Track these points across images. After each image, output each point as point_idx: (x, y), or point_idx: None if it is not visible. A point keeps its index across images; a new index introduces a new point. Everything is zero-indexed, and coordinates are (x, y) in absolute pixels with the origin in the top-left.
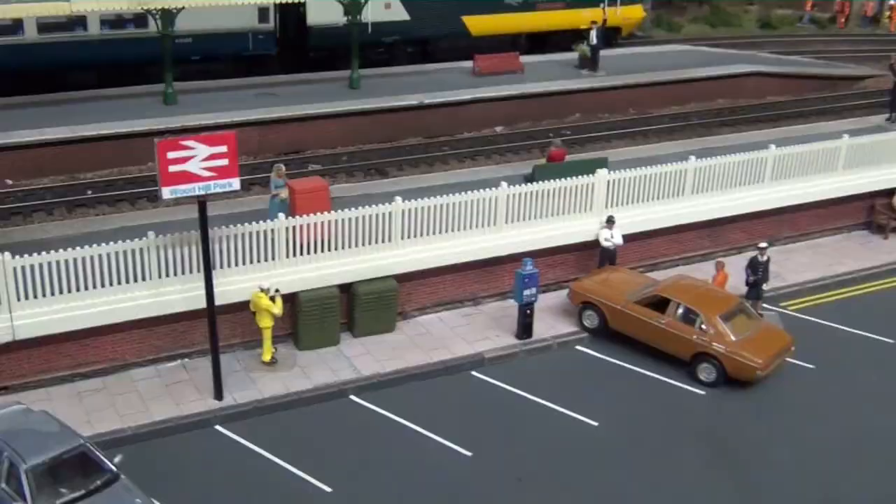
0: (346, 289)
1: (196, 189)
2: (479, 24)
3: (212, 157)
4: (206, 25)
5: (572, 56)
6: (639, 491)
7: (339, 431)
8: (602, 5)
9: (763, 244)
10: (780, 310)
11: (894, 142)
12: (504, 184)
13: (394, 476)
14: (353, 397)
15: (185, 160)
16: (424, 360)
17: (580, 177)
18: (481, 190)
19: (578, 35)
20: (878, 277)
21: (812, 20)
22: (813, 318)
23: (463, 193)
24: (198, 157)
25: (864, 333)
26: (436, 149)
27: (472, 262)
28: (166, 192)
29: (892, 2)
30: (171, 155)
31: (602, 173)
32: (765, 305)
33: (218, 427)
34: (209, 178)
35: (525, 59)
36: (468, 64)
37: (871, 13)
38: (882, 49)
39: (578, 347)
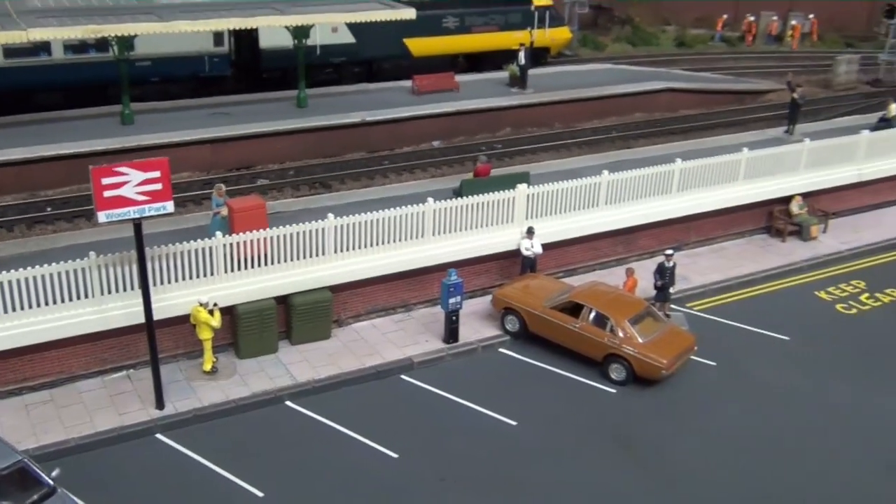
0: (284, 300)
1: (131, 213)
2: (419, 45)
3: (146, 181)
4: (164, 49)
5: (504, 75)
6: (553, 486)
7: (274, 437)
8: (530, 29)
9: (669, 251)
10: (687, 310)
11: (788, 154)
12: (430, 200)
13: (323, 479)
14: (288, 403)
15: (119, 185)
16: (357, 366)
17: (502, 191)
18: (409, 206)
19: (512, 55)
20: (775, 278)
21: (723, 39)
22: (716, 318)
23: (392, 209)
24: (132, 182)
25: (761, 331)
26: (377, 163)
27: (402, 272)
28: (102, 217)
29: (793, 22)
30: (105, 181)
31: (522, 188)
32: (672, 306)
33: (158, 436)
34: (143, 202)
35: (461, 78)
36: (409, 83)
37: (776, 32)
38: (784, 65)
39: (501, 350)
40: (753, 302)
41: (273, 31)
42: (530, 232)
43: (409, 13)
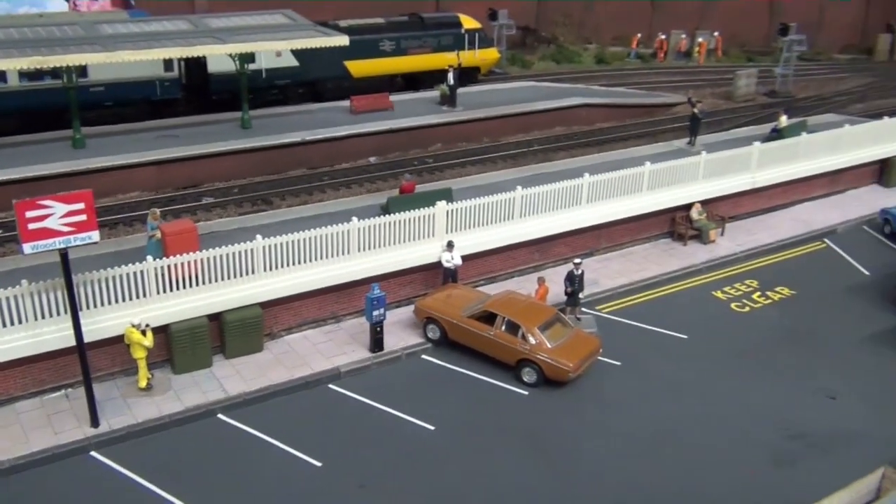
0: (217, 316)
1: (56, 244)
2: (359, 67)
3: (70, 213)
4: (117, 75)
5: (435, 94)
6: (469, 488)
7: (205, 450)
8: (458, 52)
9: (577, 260)
10: (596, 313)
11: (687, 166)
12: (355, 219)
13: (249, 490)
14: (220, 416)
15: (43, 218)
16: (287, 377)
17: (424, 208)
18: (335, 224)
19: (445, 74)
20: (677, 280)
21: (638, 56)
22: (623, 319)
23: (319, 228)
24: (56, 214)
25: (663, 331)
26: (317, 179)
27: (331, 286)
28: (27, 248)
29: (699, 39)
30: (30, 214)
31: (441, 205)
32: (583, 309)
33: (93, 453)
34: (69, 233)
35: (396, 97)
36: (347, 103)
37: (684, 48)
38: (692, 79)
39: (424, 356)
40: (657, 303)
41: (221, 56)
42: (450, 245)
43: (343, 40)
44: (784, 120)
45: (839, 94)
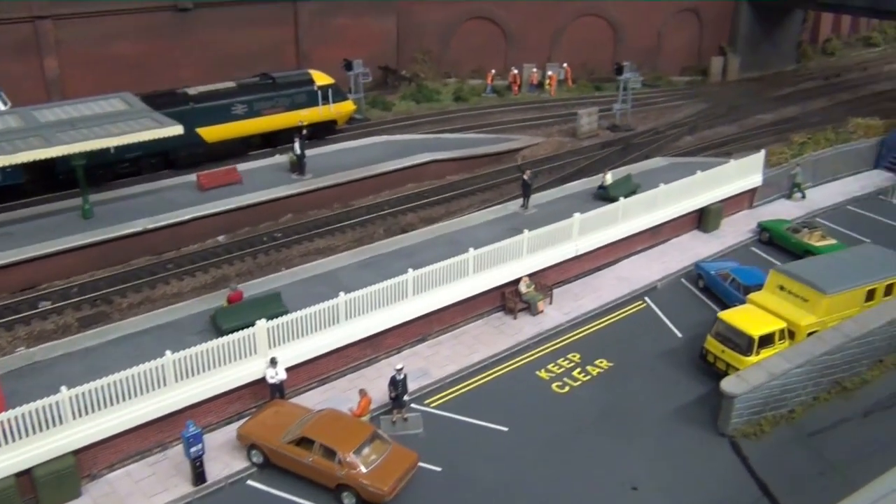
0: (27, 471)
1: None
2: (212, 133)
3: None
4: None
5: (285, 160)
6: None
7: None
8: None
9: (399, 366)
10: (424, 408)
11: (511, 245)
12: (168, 352)
13: None
14: None
15: None
16: None
17: (242, 331)
18: (149, 361)
19: (302, 129)
20: (505, 360)
21: (494, 90)
22: (448, 414)
23: (130, 369)
24: None
25: (486, 424)
26: (162, 267)
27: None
28: None
29: (549, 73)
30: None
31: (261, 324)
32: (412, 405)
33: None
34: None
35: (246, 165)
36: (195, 177)
37: (536, 81)
38: (543, 115)
39: (249, 482)
40: (483, 391)
41: None
42: (273, 362)
43: (176, 129)
44: (609, 178)
45: (673, 125)
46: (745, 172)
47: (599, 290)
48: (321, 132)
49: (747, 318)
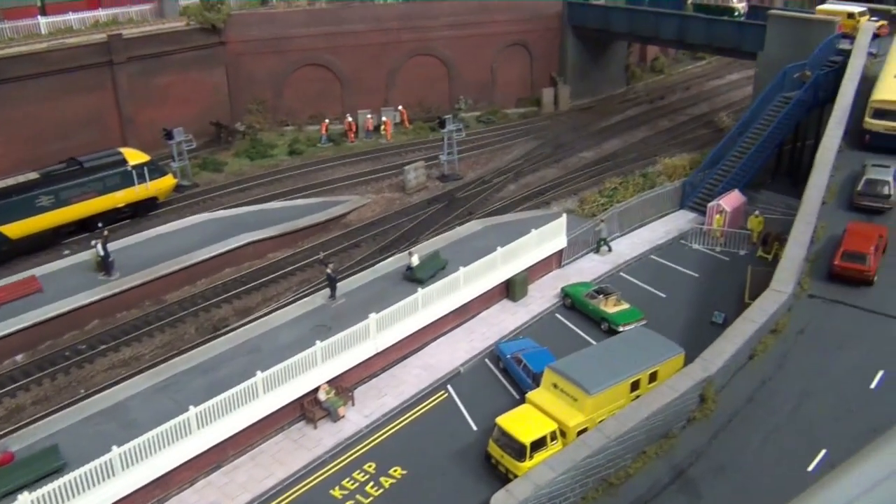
0: None
1: None
2: (17, 229)
3: None
4: None
5: (90, 257)
6: None
7: None
8: (100, 225)
9: None
10: None
11: (304, 358)
12: None
13: None
14: None
15: None
16: None
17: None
18: None
19: (119, 212)
20: (302, 479)
21: (329, 139)
22: None
23: None
24: None
25: None
26: None
27: None
28: None
29: (384, 118)
30: None
31: (24, 498)
32: None
33: None
34: None
35: (48, 268)
36: None
37: (372, 127)
38: (377, 167)
39: None
40: None
41: None
42: None
43: None
44: (415, 260)
45: (500, 171)
46: (549, 237)
47: (403, 383)
48: (142, 210)
49: (521, 422)
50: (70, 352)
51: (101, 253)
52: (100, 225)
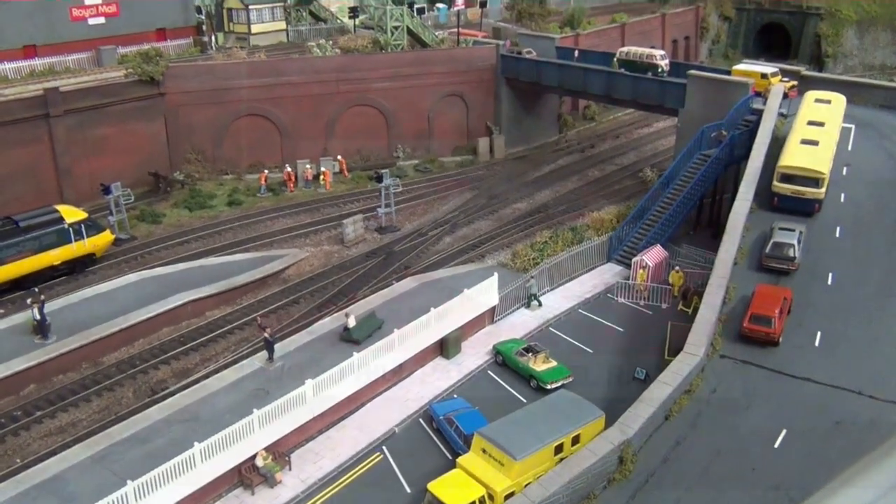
0: None
1: None
2: None
3: None
4: None
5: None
6: None
7: None
8: (36, 291)
9: None
10: None
11: (240, 428)
12: None
13: None
14: None
15: None
16: None
17: None
18: None
19: (56, 269)
20: None
21: (268, 189)
22: None
23: None
24: None
25: None
26: None
27: None
28: None
29: (322, 168)
30: None
31: None
32: None
33: None
34: None
35: None
36: None
37: (311, 177)
38: (316, 219)
39: None
40: None
41: None
42: None
43: None
44: (352, 321)
45: (436, 223)
46: (480, 296)
47: (339, 445)
48: (79, 267)
49: (451, 487)
50: (5, 419)
51: (37, 317)
52: (35, 290)
